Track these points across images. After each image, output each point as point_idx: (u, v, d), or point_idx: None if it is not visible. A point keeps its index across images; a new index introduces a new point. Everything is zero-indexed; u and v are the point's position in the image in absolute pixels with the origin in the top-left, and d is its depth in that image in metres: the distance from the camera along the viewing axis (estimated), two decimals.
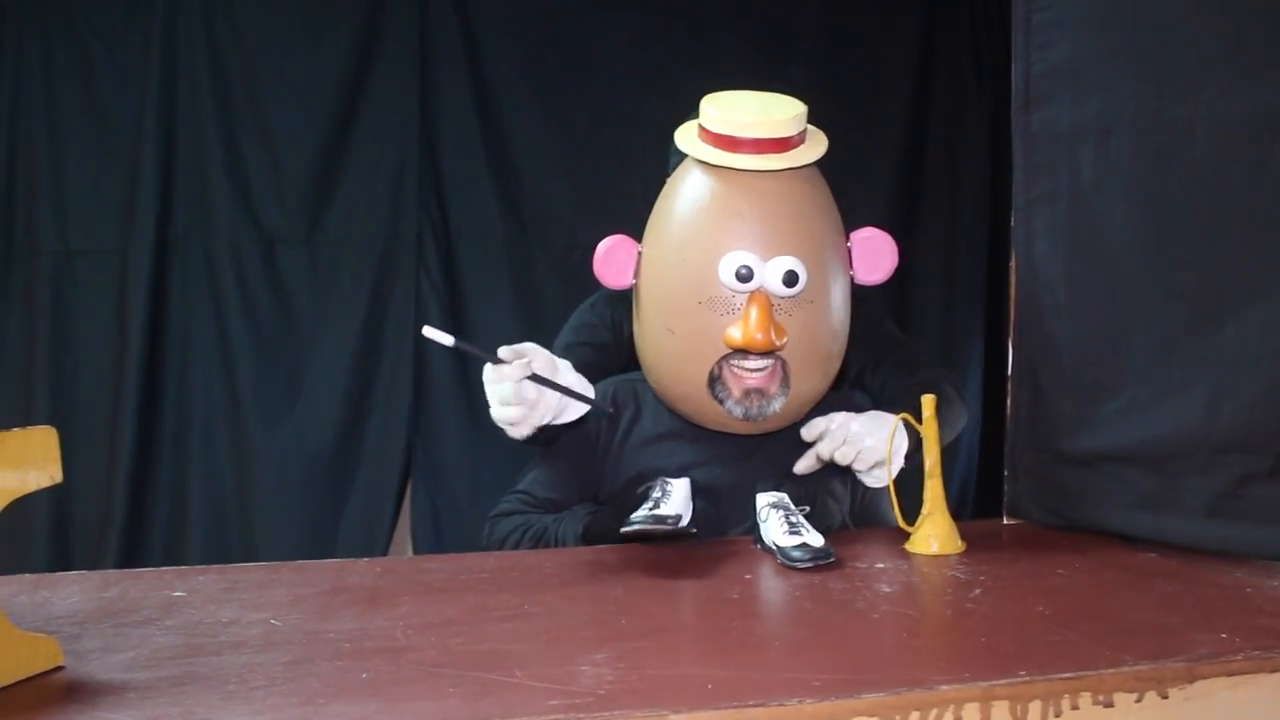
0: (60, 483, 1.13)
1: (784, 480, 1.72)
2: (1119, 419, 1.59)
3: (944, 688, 1.03)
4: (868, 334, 1.88)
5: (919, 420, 1.56)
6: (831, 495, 1.78)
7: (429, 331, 1.55)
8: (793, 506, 1.58)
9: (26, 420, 1.05)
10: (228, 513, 3.20)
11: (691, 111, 1.69)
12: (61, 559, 3.07)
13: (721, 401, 1.64)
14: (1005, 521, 1.73)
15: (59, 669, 1.13)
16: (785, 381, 1.64)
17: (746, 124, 1.59)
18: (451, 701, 1.01)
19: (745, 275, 1.57)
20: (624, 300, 1.83)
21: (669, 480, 1.65)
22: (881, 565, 1.48)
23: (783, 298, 1.59)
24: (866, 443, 1.65)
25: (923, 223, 3.56)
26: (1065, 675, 1.05)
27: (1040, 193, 1.66)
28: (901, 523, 1.56)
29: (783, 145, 1.61)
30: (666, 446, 1.76)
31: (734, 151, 1.60)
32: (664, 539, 1.58)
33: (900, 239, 3.43)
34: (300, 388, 3.14)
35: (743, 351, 1.59)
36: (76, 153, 3.13)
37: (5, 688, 1.08)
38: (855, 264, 1.70)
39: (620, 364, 1.90)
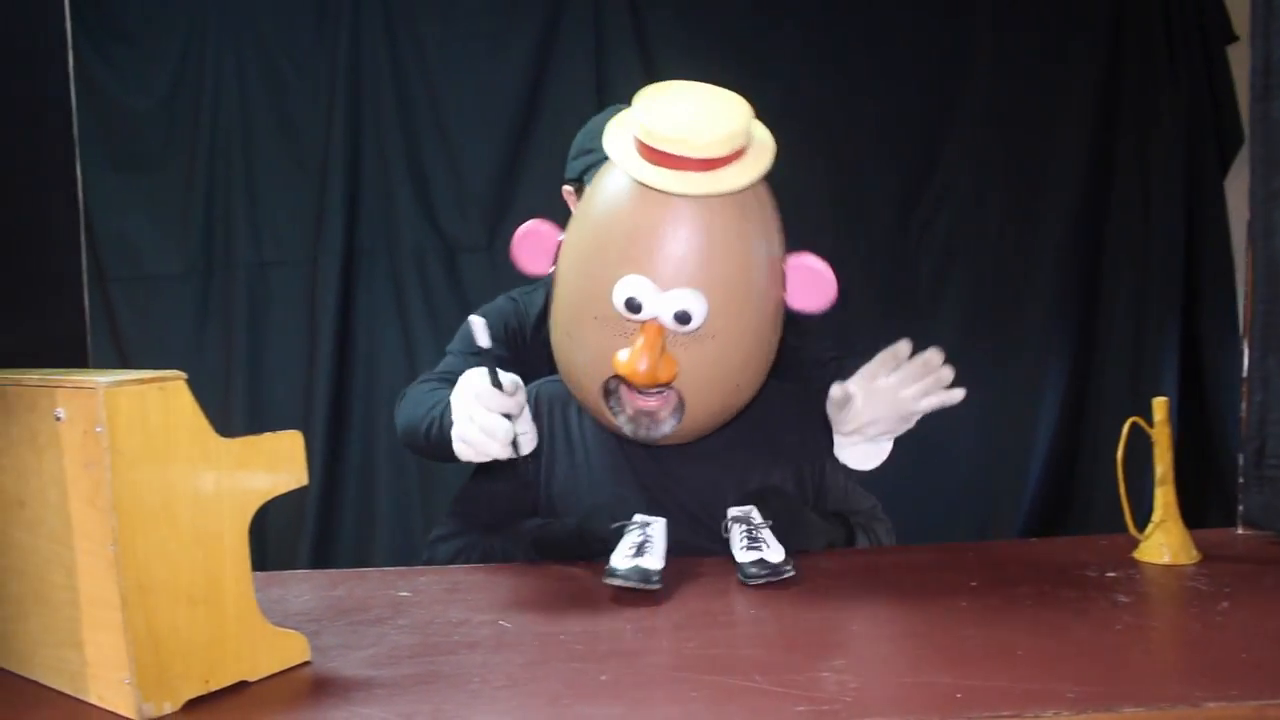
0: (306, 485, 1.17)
1: (725, 485, 1.65)
2: None
3: (1211, 705, 0.98)
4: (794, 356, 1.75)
5: (1150, 425, 1.49)
6: (780, 491, 1.68)
7: (476, 324, 1.47)
8: (756, 520, 1.50)
9: (225, 430, 1.08)
10: (413, 519, 3.28)
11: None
12: (256, 562, 3.17)
13: (615, 414, 1.53)
14: (1240, 532, 1.63)
15: (306, 664, 1.16)
16: (679, 408, 1.51)
17: (668, 139, 1.39)
18: (696, 705, 1.01)
19: (635, 306, 1.42)
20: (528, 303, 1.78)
21: (649, 521, 1.49)
22: (1112, 574, 1.42)
23: (677, 333, 1.44)
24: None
25: (1114, 215, 3.41)
26: None
27: None
28: (1132, 529, 1.50)
29: (710, 165, 1.40)
30: (594, 459, 1.69)
31: (656, 164, 1.40)
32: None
33: (1090, 231, 3.35)
34: None
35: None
36: (268, 167, 3.27)
37: (260, 680, 1.12)
38: (790, 290, 1.52)
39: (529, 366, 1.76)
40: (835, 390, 1.55)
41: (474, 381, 1.47)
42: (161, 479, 1.03)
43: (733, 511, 1.53)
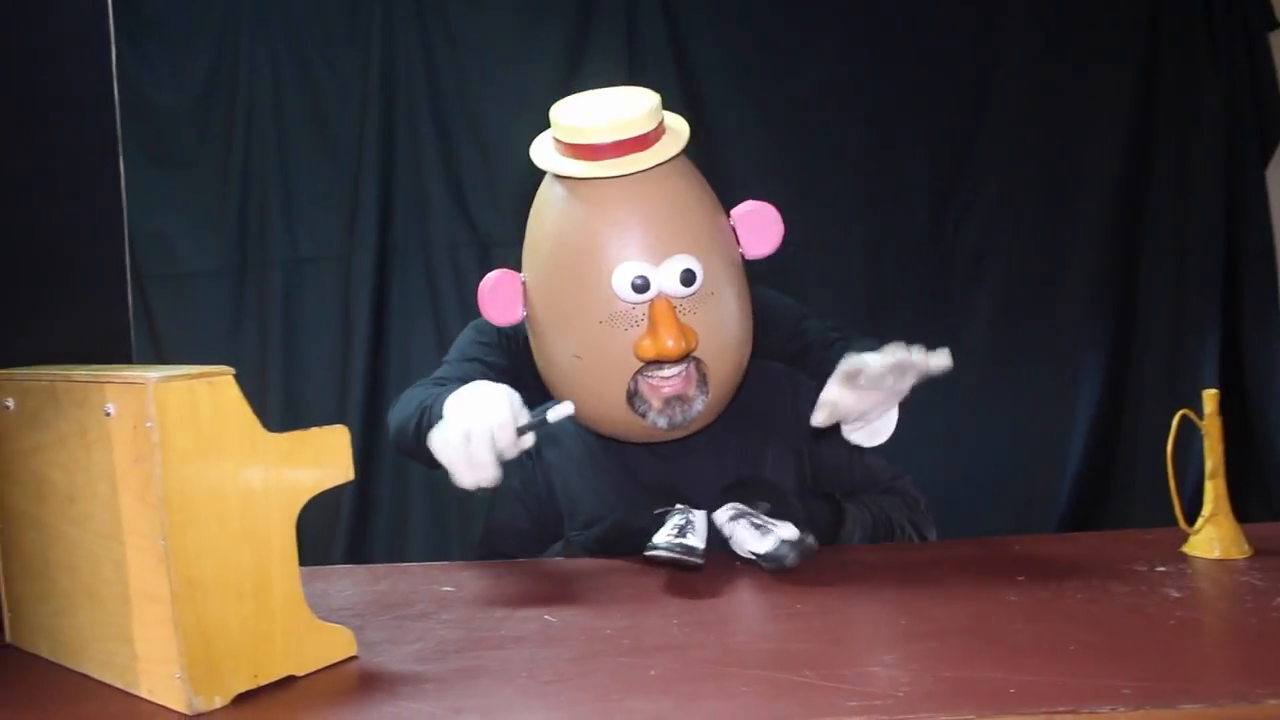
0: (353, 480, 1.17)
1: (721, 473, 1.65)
2: None
3: (1271, 702, 0.96)
4: (793, 337, 1.78)
5: (1200, 417, 1.47)
6: (756, 479, 1.66)
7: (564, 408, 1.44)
8: (751, 509, 1.50)
9: (261, 424, 1.09)
10: (448, 511, 3.28)
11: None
12: None
13: (644, 415, 1.55)
14: None
15: (352, 659, 1.16)
16: (703, 381, 1.56)
17: (602, 129, 1.49)
18: (747, 700, 1.00)
19: (641, 285, 1.49)
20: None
21: (690, 510, 1.52)
22: (1162, 569, 1.40)
23: (683, 298, 1.51)
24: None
25: (1153, 206, 3.37)
26: None
27: None
28: (1182, 523, 1.48)
29: (644, 143, 1.51)
30: (592, 465, 1.69)
31: (596, 159, 1.50)
32: (671, 566, 1.47)
33: (1129, 223, 3.31)
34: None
35: (656, 362, 1.51)
36: (303, 164, 3.28)
37: (307, 675, 1.12)
38: (742, 240, 1.62)
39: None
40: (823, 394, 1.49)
41: (501, 409, 1.39)
42: (211, 474, 1.03)
43: (724, 512, 1.51)
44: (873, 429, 1.51)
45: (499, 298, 1.61)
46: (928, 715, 0.94)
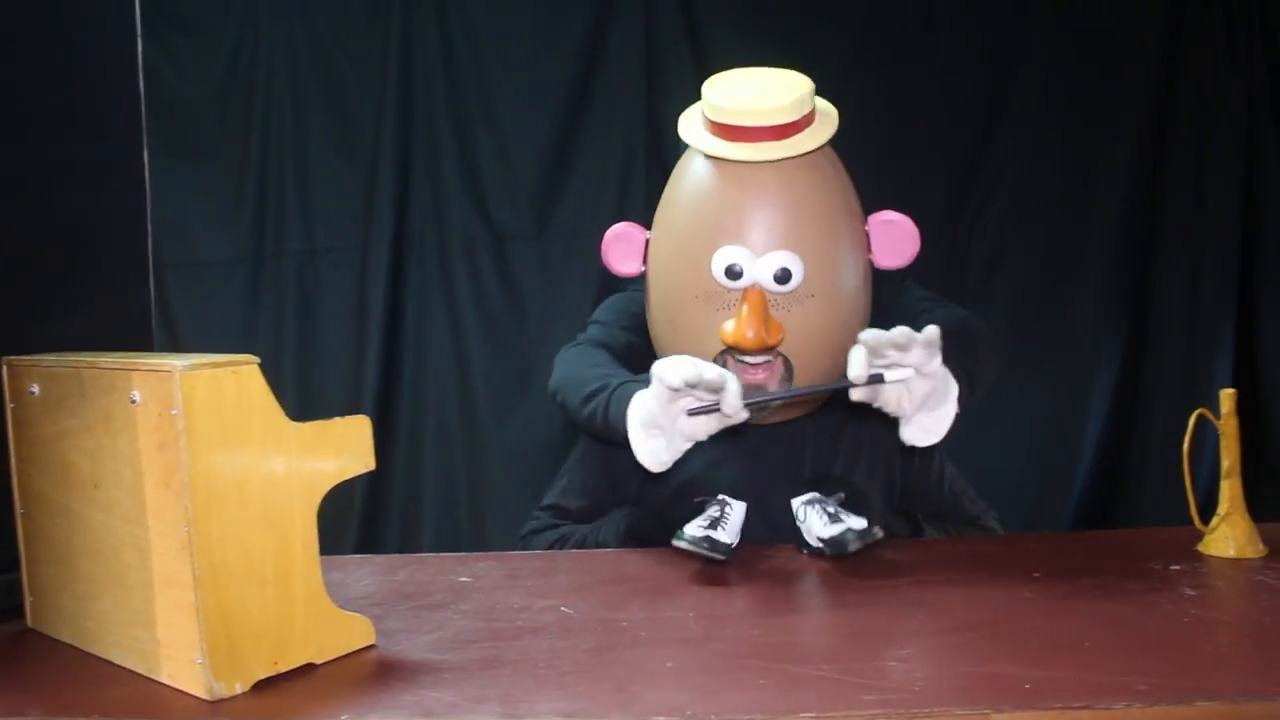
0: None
1: (805, 473, 1.66)
2: None
3: None
4: (890, 309, 1.73)
5: (1217, 416, 1.47)
6: (861, 483, 1.67)
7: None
8: (827, 498, 1.51)
9: None
10: (459, 503, 3.29)
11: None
12: None
13: None
14: None
15: (371, 647, 1.17)
16: (788, 377, 1.56)
17: (742, 111, 1.51)
18: (763, 693, 1.00)
19: (736, 273, 1.52)
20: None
21: (729, 502, 1.52)
22: (1177, 567, 1.40)
23: (778, 294, 1.53)
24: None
25: (1170, 205, 3.35)
26: None
27: None
28: (1197, 522, 1.48)
29: (782, 132, 1.52)
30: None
31: (731, 140, 1.53)
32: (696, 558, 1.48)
33: (1145, 221, 3.29)
34: (530, 381, 3.19)
35: (737, 349, 1.53)
36: (319, 153, 3.27)
37: (326, 663, 1.13)
38: (874, 248, 1.62)
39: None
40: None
41: (734, 389, 1.38)
42: (235, 462, 1.04)
43: (802, 498, 1.52)
44: (923, 427, 1.48)
45: (620, 247, 1.67)
46: (943, 710, 0.95)
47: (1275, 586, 1.31)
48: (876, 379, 1.40)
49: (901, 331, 1.37)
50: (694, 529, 1.45)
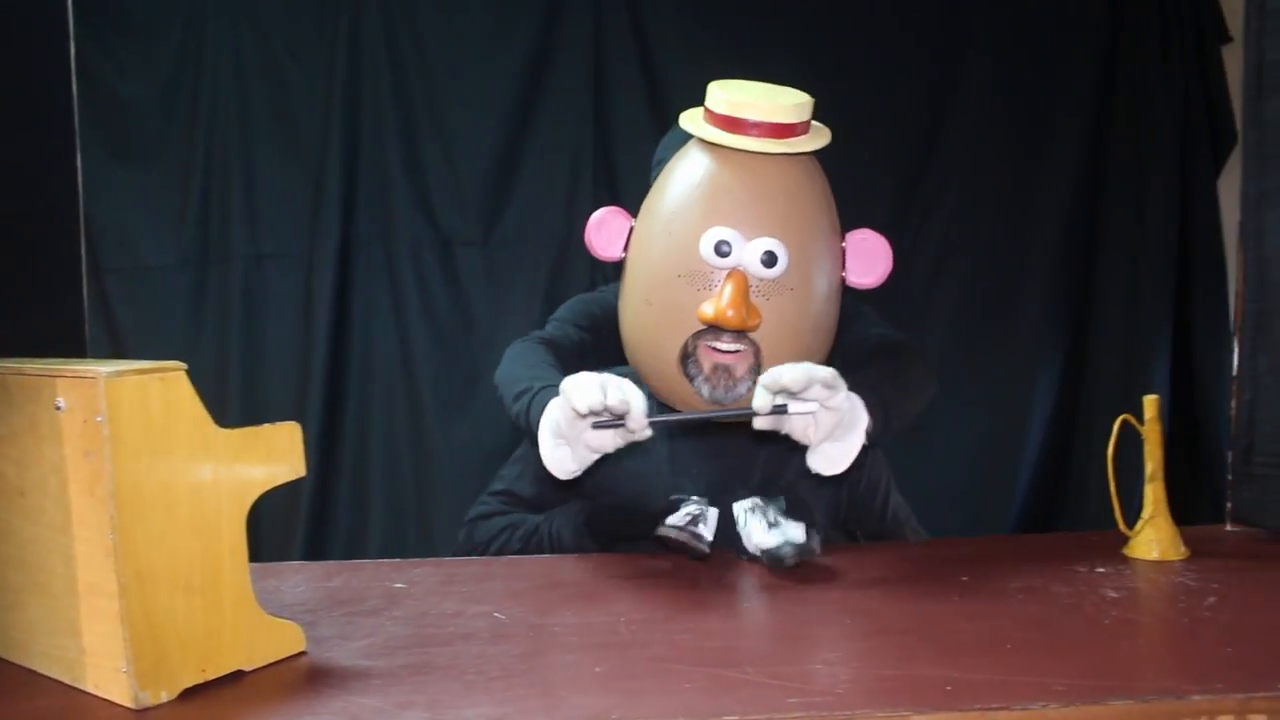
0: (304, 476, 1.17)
1: (757, 480, 1.69)
2: None
3: (1196, 698, 1.00)
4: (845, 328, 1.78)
5: (1140, 422, 1.50)
6: (806, 493, 1.68)
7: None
8: (767, 505, 1.53)
9: (220, 421, 1.10)
10: (406, 507, 3.28)
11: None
12: (250, 553, 3.18)
13: (691, 379, 1.59)
14: (1229, 528, 1.65)
15: (302, 654, 1.17)
16: (756, 368, 1.58)
17: (749, 107, 1.57)
18: (689, 697, 1.02)
19: (724, 250, 1.56)
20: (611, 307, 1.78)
21: (705, 505, 1.56)
22: (1102, 570, 1.43)
23: (761, 279, 1.56)
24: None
25: (1108, 214, 3.41)
26: None
27: (1273, 185, 1.57)
28: (1122, 525, 1.51)
29: (784, 131, 1.59)
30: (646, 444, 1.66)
31: (735, 133, 1.58)
32: (676, 551, 1.54)
33: (1084, 230, 3.35)
34: (477, 386, 3.19)
35: (716, 329, 1.56)
36: (265, 158, 3.24)
37: (256, 670, 1.12)
38: (849, 265, 1.67)
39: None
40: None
41: (639, 408, 1.43)
42: (161, 469, 1.03)
43: (743, 504, 1.54)
44: (828, 456, 1.49)
45: (604, 230, 1.70)
46: (864, 712, 0.96)
47: (1194, 588, 1.34)
48: (780, 410, 1.44)
49: (802, 371, 1.42)
50: (677, 520, 1.51)
